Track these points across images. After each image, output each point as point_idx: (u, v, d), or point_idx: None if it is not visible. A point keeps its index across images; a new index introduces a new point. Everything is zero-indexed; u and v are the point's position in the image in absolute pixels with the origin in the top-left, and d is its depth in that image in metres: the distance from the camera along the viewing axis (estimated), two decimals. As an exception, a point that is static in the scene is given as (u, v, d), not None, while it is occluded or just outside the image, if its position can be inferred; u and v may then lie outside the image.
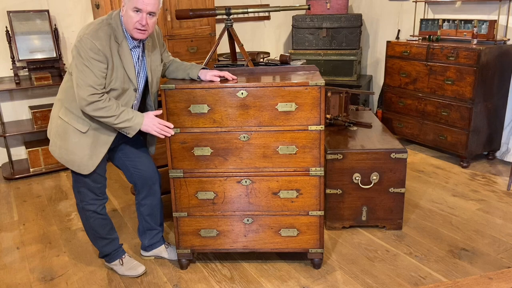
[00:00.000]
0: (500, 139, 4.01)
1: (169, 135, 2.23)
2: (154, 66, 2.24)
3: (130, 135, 2.16)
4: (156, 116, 2.20)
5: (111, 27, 2.04)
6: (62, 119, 2.15)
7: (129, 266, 2.49)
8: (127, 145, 2.37)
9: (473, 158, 3.95)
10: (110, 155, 2.37)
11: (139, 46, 2.16)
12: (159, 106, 2.37)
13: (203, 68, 2.32)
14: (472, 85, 3.63)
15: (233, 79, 2.27)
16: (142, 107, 2.34)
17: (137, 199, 2.51)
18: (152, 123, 2.16)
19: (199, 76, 2.30)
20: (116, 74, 2.06)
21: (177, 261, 2.55)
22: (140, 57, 2.17)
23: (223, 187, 2.34)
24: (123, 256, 2.51)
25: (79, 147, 2.15)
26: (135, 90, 2.18)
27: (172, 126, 2.22)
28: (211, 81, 2.24)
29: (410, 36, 4.35)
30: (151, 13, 2.03)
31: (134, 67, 2.14)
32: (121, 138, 2.29)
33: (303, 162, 2.27)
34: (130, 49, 2.11)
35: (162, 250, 2.61)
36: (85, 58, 1.97)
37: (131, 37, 2.09)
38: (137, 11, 2.00)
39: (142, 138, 2.43)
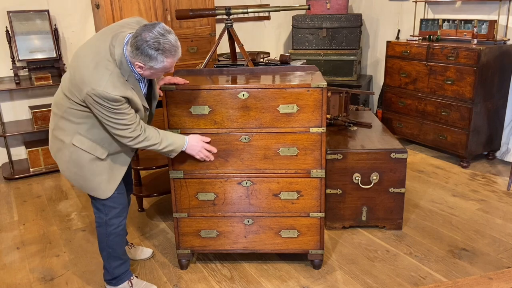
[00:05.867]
0: (500, 139, 4.01)
1: (209, 160, 2.26)
2: (154, 91, 2.18)
3: (173, 156, 2.16)
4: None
5: (116, 64, 1.87)
6: (77, 147, 2.01)
7: (140, 287, 2.36)
8: None
9: (473, 158, 3.96)
10: None
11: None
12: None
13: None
14: (472, 85, 3.64)
15: (184, 83, 2.22)
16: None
17: None
18: (198, 147, 2.18)
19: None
20: (131, 102, 1.98)
21: (176, 261, 2.55)
22: (146, 83, 2.09)
23: (223, 188, 2.34)
24: (132, 278, 2.34)
25: (97, 173, 2.05)
26: (146, 110, 2.11)
27: (215, 150, 2.25)
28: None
29: (410, 36, 4.35)
30: None
31: (143, 94, 2.06)
32: None
33: (304, 164, 2.27)
34: (137, 79, 1.99)
35: (127, 251, 2.57)
36: (111, 109, 1.86)
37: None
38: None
39: None
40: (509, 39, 3.81)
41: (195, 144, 2.17)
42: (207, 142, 2.24)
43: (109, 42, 1.88)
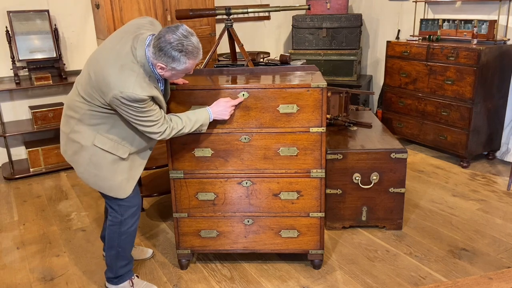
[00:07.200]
0: (500, 139, 4.01)
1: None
2: (167, 89, 2.18)
3: (204, 130, 2.16)
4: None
5: (139, 66, 1.91)
6: (98, 147, 2.02)
7: (140, 287, 2.38)
8: None
9: (473, 158, 3.96)
10: None
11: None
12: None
13: None
14: (472, 85, 3.64)
15: (184, 83, 2.24)
16: None
17: None
18: (223, 110, 2.14)
19: None
20: (156, 100, 2.01)
21: (176, 261, 2.55)
22: (163, 82, 2.11)
23: (223, 188, 2.34)
24: (133, 277, 2.35)
25: (117, 173, 2.07)
26: (165, 107, 2.13)
27: (240, 100, 2.19)
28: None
29: (410, 36, 4.35)
30: None
31: (161, 92, 2.08)
32: None
33: (304, 164, 2.27)
34: (157, 79, 2.02)
35: None
36: (139, 108, 1.89)
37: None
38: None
39: None
40: (509, 39, 3.81)
41: (219, 109, 2.15)
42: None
43: (130, 44, 1.90)
